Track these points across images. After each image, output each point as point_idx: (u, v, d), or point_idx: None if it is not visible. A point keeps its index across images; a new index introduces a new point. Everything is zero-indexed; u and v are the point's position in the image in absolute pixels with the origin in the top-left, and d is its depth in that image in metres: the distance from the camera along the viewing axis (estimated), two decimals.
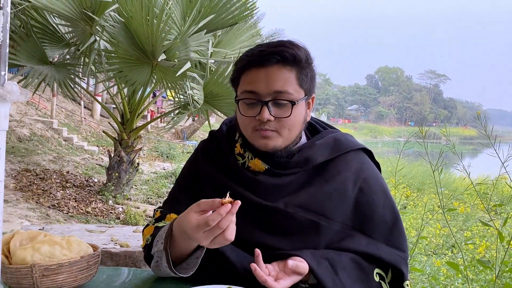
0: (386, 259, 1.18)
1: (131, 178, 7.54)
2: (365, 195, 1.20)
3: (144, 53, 5.47)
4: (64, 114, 14.01)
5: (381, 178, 1.27)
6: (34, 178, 7.35)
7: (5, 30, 0.80)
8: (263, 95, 1.12)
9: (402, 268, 1.19)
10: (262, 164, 1.19)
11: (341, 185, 1.19)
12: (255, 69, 1.13)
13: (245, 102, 1.15)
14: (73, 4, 5.43)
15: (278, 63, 1.11)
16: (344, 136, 1.28)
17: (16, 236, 1.07)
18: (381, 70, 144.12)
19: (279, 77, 1.11)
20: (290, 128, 1.15)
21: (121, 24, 5.44)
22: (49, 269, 1.01)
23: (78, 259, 1.06)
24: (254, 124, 1.14)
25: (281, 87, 1.11)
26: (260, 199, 1.17)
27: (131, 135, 7.23)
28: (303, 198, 1.17)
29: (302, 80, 1.14)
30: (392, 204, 1.24)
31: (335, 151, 1.22)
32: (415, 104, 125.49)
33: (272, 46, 1.13)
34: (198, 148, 1.33)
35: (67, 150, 10.38)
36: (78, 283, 1.08)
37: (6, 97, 0.79)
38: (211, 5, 5.73)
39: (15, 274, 1.01)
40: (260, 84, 1.12)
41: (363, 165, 1.24)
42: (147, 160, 12.71)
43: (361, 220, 1.20)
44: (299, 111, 1.16)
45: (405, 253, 1.23)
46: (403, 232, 1.26)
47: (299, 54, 1.13)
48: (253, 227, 1.16)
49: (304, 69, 1.15)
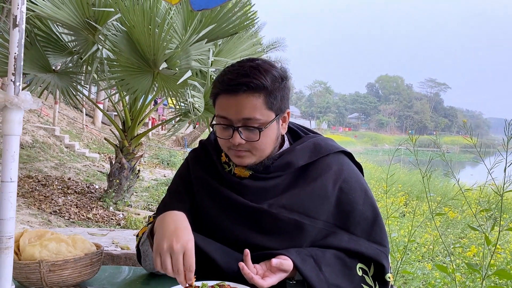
0: (367, 254, 1.26)
1: (132, 185, 7.61)
2: (345, 194, 1.29)
3: (146, 62, 5.57)
4: (66, 121, 14.12)
5: (360, 177, 1.37)
6: (36, 184, 7.43)
7: (20, 46, 0.88)
8: (234, 121, 1.21)
9: (383, 262, 1.27)
10: (246, 170, 1.29)
11: (322, 186, 1.28)
12: (226, 96, 1.21)
13: (219, 125, 1.24)
14: (76, 14, 5.54)
15: (246, 92, 1.19)
16: (324, 140, 1.38)
17: (25, 234, 1.15)
18: (382, 79, 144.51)
19: (247, 104, 1.19)
20: (262, 148, 1.24)
21: (123, 33, 5.54)
22: (55, 264, 1.09)
23: (82, 256, 1.14)
24: (228, 145, 1.24)
25: (249, 114, 1.19)
26: (247, 201, 1.25)
27: (132, 142, 7.31)
28: (286, 199, 1.26)
29: (270, 103, 1.22)
30: (371, 202, 1.33)
31: (314, 155, 1.32)
32: (416, 113, 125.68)
33: (240, 74, 1.20)
34: (188, 157, 1.43)
35: (69, 157, 10.46)
36: (82, 279, 1.15)
37: (21, 105, 0.87)
38: (212, 15, 5.83)
39: (24, 269, 1.09)
40: (230, 111, 1.21)
41: (342, 166, 1.33)
42: (148, 167, 12.79)
43: (342, 218, 1.28)
44: (269, 132, 1.24)
45: (386, 247, 1.32)
46: (383, 228, 1.34)
47: (265, 81, 1.19)
48: (241, 226, 1.25)
49: (273, 93, 1.22)
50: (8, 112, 0.87)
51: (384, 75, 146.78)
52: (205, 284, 1.09)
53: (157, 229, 1.14)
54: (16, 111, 0.88)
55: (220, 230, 1.24)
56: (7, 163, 0.87)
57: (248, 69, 1.20)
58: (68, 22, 5.56)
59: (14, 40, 0.87)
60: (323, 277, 1.17)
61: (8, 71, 0.88)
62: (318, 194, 1.27)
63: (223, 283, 1.11)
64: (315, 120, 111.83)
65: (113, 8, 5.43)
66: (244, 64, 1.23)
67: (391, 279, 1.31)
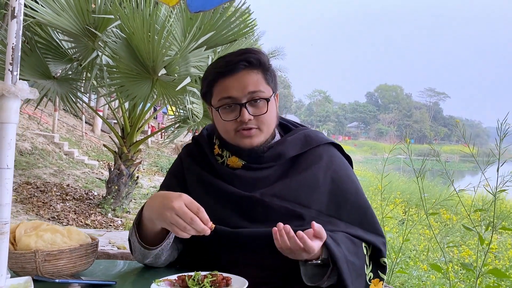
0: (365, 238, 1.29)
1: (131, 191, 7.61)
2: (337, 185, 1.32)
3: (145, 68, 5.61)
4: (65, 129, 14.14)
5: (350, 169, 1.40)
6: (34, 190, 7.44)
7: (18, 36, 0.91)
8: (239, 98, 1.25)
9: (380, 246, 1.30)
10: (239, 160, 1.32)
11: (313, 176, 1.31)
12: (225, 78, 1.26)
13: (224, 107, 1.27)
14: (76, 20, 5.59)
15: (246, 68, 1.26)
16: (314, 132, 1.42)
17: (21, 225, 1.17)
18: (381, 88, 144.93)
19: (250, 79, 1.26)
20: (269, 123, 1.29)
21: (123, 40, 5.59)
22: (50, 254, 1.11)
23: (77, 247, 1.16)
24: (235, 126, 1.27)
25: (254, 87, 1.25)
26: (239, 190, 1.28)
27: (131, 149, 7.33)
28: (278, 189, 1.28)
29: (268, 79, 1.29)
30: (362, 192, 1.36)
31: (305, 146, 1.35)
32: (415, 122, 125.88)
33: (236, 54, 1.27)
34: (181, 153, 1.46)
35: (68, 164, 10.47)
36: (77, 270, 1.17)
37: (18, 94, 0.90)
38: (211, 22, 5.89)
39: (20, 259, 1.10)
40: (234, 90, 1.25)
41: (332, 158, 1.37)
42: (147, 174, 12.79)
43: (335, 208, 1.30)
44: (273, 107, 1.30)
45: (381, 236, 1.34)
46: (376, 218, 1.37)
47: (262, 57, 1.28)
48: (234, 216, 1.27)
49: (268, 70, 1.30)
50: (6, 101, 0.90)
51: (383, 84, 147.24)
52: (198, 273, 1.11)
53: (149, 210, 1.16)
54: (13, 100, 0.91)
55: (214, 220, 1.26)
56: (4, 150, 0.89)
57: (243, 51, 1.28)
58: (68, 29, 5.61)
59: (12, 31, 0.90)
60: (342, 253, 1.19)
61: (6, 61, 0.90)
62: (309, 183, 1.30)
63: (215, 272, 1.12)
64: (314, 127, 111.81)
65: (113, 15, 5.49)
66: (244, 49, 1.30)
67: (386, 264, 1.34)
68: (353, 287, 1.19)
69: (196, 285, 1.08)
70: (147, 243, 1.22)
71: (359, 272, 1.23)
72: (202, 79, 1.33)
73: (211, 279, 1.09)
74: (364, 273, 1.26)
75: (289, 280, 1.26)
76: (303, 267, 1.21)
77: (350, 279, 1.18)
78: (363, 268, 1.25)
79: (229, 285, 1.10)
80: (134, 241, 1.24)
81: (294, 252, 1.13)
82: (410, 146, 2.77)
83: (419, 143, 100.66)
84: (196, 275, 1.10)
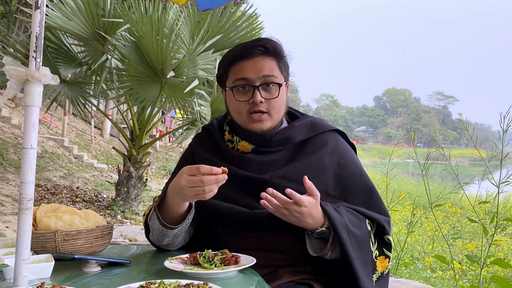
0: (370, 215, 1.34)
1: (140, 194, 7.69)
2: (342, 168, 1.38)
3: (154, 71, 5.70)
4: (74, 133, 14.31)
5: (354, 154, 1.47)
6: (45, 192, 7.55)
7: (41, 26, 0.98)
8: (254, 81, 1.32)
9: (384, 224, 1.35)
10: (249, 145, 1.38)
11: (319, 159, 1.37)
12: (242, 62, 1.34)
13: (238, 88, 1.34)
14: (86, 24, 5.70)
15: (262, 54, 1.34)
16: (320, 120, 1.49)
17: (41, 207, 1.24)
18: (389, 92, 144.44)
19: (265, 64, 1.33)
20: (278, 108, 1.35)
21: (132, 43, 5.69)
22: (69, 234, 1.17)
23: (94, 228, 1.22)
24: (247, 108, 1.33)
25: (269, 71, 1.33)
26: (249, 173, 1.35)
27: (140, 151, 7.41)
28: (286, 171, 1.35)
29: (282, 68, 1.36)
30: (367, 177, 1.42)
31: (312, 131, 1.42)
32: (424, 126, 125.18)
33: (254, 41, 1.36)
34: (192, 142, 1.53)
35: (77, 167, 10.60)
36: (93, 250, 1.23)
37: (41, 79, 0.96)
38: (218, 26, 5.98)
39: (41, 239, 1.17)
40: (249, 72, 1.33)
41: (338, 143, 1.44)
42: (155, 177, 12.89)
43: (342, 190, 1.37)
44: (284, 93, 1.37)
45: (385, 215, 1.39)
46: (381, 200, 1.43)
47: (278, 46, 1.36)
48: (246, 197, 1.33)
49: (282, 59, 1.37)
50: (30, 85, 0.96)
51: (391, 88, 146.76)
52: (208, 251, 1.17)
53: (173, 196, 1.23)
54: (37, 85, 0.97)
55: (226, 201, 1.32)
56: (29, 132, 0.96)
57: (260, 38, 1.37)
58: (78, 33, 5.71)
59: (35, 21, 0.97)
60: (344, 221, 1.25)
61: (30, 49, 0.97)
62: (316, 166, 1.36)
63: (225, 250, 1.17)
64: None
65: (122, 19, 5.59)
66: (259, 37, 1.43)
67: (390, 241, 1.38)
68: (355, 257, 1.23)
69: (207, 262, 1.13)
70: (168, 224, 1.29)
71: (361, 245, 1.28)
72: (219, 63, 1.41)
73: (221, 257, 1.15)
74: (368, 249, 1.31)
75: (298, 263, 1.31)
76: (309, 240, 1.27)
77: (351, 248, 1.23)
78: (366, 242, 1.30)
79: (238, 263, 1.15)
80: (154, 223, 1.30)
81: (289, 212, 1.18)
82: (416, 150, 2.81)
83: (428, 147, 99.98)
84: (207, 253, 1.16)
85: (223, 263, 1.14)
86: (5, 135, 10.06)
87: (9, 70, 0.95)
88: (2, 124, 10.64)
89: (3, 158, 8.75)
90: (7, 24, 13.72)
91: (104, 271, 1.15)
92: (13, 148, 9.50)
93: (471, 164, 54.88)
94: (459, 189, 2.49)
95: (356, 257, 1.25)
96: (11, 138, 10.13)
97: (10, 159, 8.86)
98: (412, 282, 2.16)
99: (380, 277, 1.34)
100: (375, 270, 1.32)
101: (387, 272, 1.38)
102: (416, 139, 16.42)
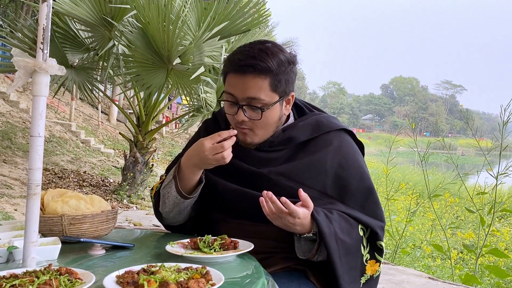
0: (363, 220, 1.36)
1: (146, 179, 7.78)
2: (343, 169, 1.38)
3: (160, 58, 5.72)
4: (82, 118, 14.41)
5: (359, 155, 1.45)
6: (52, 176, 7.65)
7: (48, 18, 1.01)
8: (239, 99, 1.31)
9: (377, 230, 1.37)
10: None
11: (321, 159, 1.38)
12: (233, 75, 1.31)
13: (227, 101, 1.35)
14: (93, 10, 5.72)
15: (253, 73, 1.28)
16: (327, 118, 1.47)
17: (48, 192, 1.29)
18: (396, 80, 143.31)
19: (253, 85, 1.29)
20: (264, 127, 1.35)
21: (138, 30, 5.71)
22: (75, 219, 1.22)
23: (99, 213, 1.27)
24: (234, 121, 1.35)
25: (254, 94, 1.29)
26: (249, 166, 1.38)
27: (146, 137, 7.48)
28: (285, 169, 1.37)
29: (275, 86, 1.30)
30: (367, 178, 1.42)
31: (316, 131, 1.42)
32: (431, 115, 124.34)
33: (249, 56, 1.28)
34: (201, 127, 1.57)
35: (84, 151, 10.70)
36: (99, 234, 1.28)
37: (48, 70, 1.00)
38: (225, 12, 5.96)
39: (48, 222, 1.22)
40: (237, 89, 1.31)
41: (342, 143, 1.42)
42: (161, 163, 12.99)
43: (339, 191, 1.37)
44: (272, 113, 1.34)
45: (379, 220, 1.40)
46: (378, 203, 1.43)
47: (271, 65, 1.28)
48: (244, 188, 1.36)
49: (278, 76, 1.30)
50: (37, 76, 1.01)
51: (398, 77, 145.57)
52: (208, 237, 1.21)
53: (186, 165, 1.33)
54: (44, 75, 1.01)
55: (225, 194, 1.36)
56: (36, 120, 1.00)
57: (257, 51, 1.29)
58: (85, 19, 5.74)
59: (43, 13, 1.00)
60: (333, 230, 1.26)
61: (38, 40, 1.01)
62: (316, 166, 1.37)
63: (224, 236, 1.22)
64: None
65: (129, 5, 5.60)
66: (254, 46, 1.32)
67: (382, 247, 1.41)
68: (340, 264, 1.26)
69: (207, 247, 1.18)
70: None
71: (349, 251, 1.29)
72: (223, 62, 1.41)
73: (220, 242, 1.19)
74: (358, 253, 1.33)
75: (292, 250, 1.35)
76: (298, 242, 1.30)
77: (337, 255, 1.25)
78: (356, 248, 1.32)
79: (236, 248, 1.20)
80: (170, 191, 1.37)
81: (282, 219, 1.21)
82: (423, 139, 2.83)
83: (435, 136, 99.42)
84: (207, 238, 1.21)
85: (222, 248, 1.19)
86: (13, 119, 10.16)
87: (17, 61, 0.99)
88: (10, 109, 10.74)
89: (12, 142, 8.86)
90: (15, 8, 13.75)
91: (108, 254, 1.20)
92: (21, 132, 9.60)
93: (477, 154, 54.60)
94: (460, 179, 2.51)
95: (342, 264, 1.27)
96: (19, 122, 10.24)
97: (19, 143, 8.97)
98: (409, 270, 2.20)
99: (369, 280, 1.37)
100: (364, 273, 1.35)
101: (378, 275, 1.41)
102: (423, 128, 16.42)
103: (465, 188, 2.22)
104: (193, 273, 0.92)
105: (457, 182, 2.40)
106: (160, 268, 0.93)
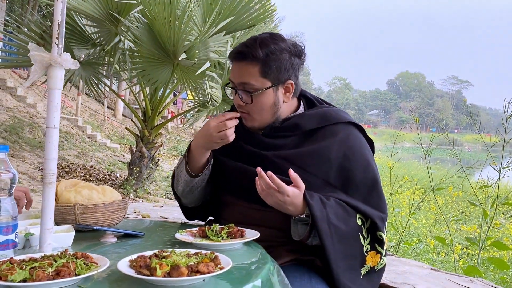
0: (363, 210, 1.38)
1: (152, 173, 7.84)
2: (348, 161, 1.41)
3: (166, 53, 5.76)
4: (88, 113, 14.50)
5: (366, 148, 1.48)
6: (59, 171, 7.73)
7: (62, 14, 1.05)
8: (236, 84, 1.42)
9: (376, 221, 1.40)
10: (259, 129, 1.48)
11: (326, 148, 1.41)
12: (234, 62, 1.43)
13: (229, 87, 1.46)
14: (100, 6, 5.76)
15: (244, 60, 1.39)
16: (335, 111, 1.51)
17: (61, 182, 1.33)
18: (402, 76, 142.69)
19: (244, 71, 1.39)
20: (259, 111, 1.42)
21: (144, 25, 5.75)
22: (88, 208, 1.27)
23: (110, 202, 1.32)
24: (236, 105, 1.45)
25: (245, 79, 1.39)
26: (255, 149, 1.45)
27: (152, 132, 7.54)
28: (289, 154, 1.42)
29: (265, 72, 1.38)
30: (373, 170, 1.44)
31: (323, 121, 1.46)
32: (437, 110, 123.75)
33: (244, 45, 1.40)
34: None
35: (91, 146, 10.79)
36: (110, 223, 1.33)
37: (63, 64, 1.04)
38: (230, 8, 5.98)
39: (62, 211, 1.27)
40: (234, 75, 1.43)
41: (349, 136, 1.46)
42: (167, 158, 13.06)
43: (342, 181, 1.41)
44: (264, 98, 1.41)
45: (380, 211, 1.43)
46: (382, 196, 1.45)
47: (257, 54, 1.36)
48: None
49: (267, 63, 1.37)
50: (53, 70, 1.05)
51: (404, 72, 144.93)
52: (216, 225, 1.26)
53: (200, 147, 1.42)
54: (59, 69, 1.05)
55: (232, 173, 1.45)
56: (52, 112, 1.04)
57: (250, 41, 1.41)
58: (92, 14, 5.78)
59: (58, 9, 1.04)
60: (325, 214, 1.30)
61: (53, 36, 1.05)
62: (320, 154, 1.41)
63: (231, 225, 1.26)
64: None
65: (135, 0, 5.63)
66: (255, 37, 1.42)
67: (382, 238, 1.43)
68: (333, 249, 1.29)
69: (214, 235, 1.22)
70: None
71: (344, 238, 1.32)
72: None
73: (228, 231, 1.24)
74: (356, 243, 1.35)
75: (297, 243, 1.39)
76: (294, 225, 1.35)
77: (329, 240, 1.28)
78: (353, 236, 1.35)
79: (243, 236, 1.24)
80: (181, 171, 1.47)
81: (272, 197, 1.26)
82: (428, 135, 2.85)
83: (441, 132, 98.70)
84: (215, 227, 1.25)
85: (230, 236, 1.23)
86: (20, 114, 10.25)
87: (34, 56, 1.04)
88: (17, 103, 10.83)
89: (19, 137, 8.95)
90: (21, 3, 13.82)
91: (120, 242, 1.25)
92: (29, 127, 9.69)
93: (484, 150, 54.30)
94: (464, 173, 2.54)
95: (336, 250, 1.29)
96: (27, 117, 10.32)
97: (26, 138, 9.06)
98: (411, 261, 2.24)
99: (371, 271, 1.39)
100: (364, 264, 1.37)
101: (381, 268, 1.42)
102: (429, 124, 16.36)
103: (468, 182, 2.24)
104: (203, 257, 0.96)
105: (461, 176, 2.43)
106: (171, 253, 0.97)
